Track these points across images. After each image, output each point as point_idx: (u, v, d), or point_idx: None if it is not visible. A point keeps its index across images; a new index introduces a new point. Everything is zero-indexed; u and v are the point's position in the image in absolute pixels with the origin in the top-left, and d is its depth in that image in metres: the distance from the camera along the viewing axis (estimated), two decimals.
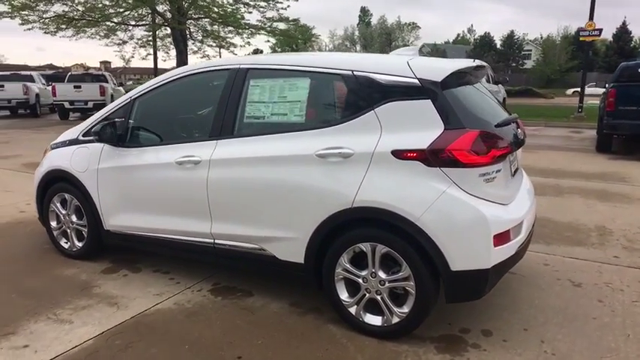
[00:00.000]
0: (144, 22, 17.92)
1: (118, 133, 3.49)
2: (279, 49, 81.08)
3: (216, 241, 3.18)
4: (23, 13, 15.97)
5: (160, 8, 17.17)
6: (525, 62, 54.84)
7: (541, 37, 57.80)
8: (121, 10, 16.72)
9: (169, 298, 3.26)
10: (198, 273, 3.62)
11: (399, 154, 2.56)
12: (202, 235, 3.22)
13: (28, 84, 18.58)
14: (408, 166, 2.55)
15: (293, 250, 2.89)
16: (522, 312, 3.05)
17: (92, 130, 3.59)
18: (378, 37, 64.23)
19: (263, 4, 18.53)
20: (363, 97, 2.73)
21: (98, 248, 3.86)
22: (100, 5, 16.59)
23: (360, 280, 2.74)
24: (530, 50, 55.47)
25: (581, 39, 16.60)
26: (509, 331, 2.83)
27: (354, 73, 2.77)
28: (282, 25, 19.28)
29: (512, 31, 55.53)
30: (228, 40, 18.97)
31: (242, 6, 18.55)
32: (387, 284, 2.67)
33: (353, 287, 2.80)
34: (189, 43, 19.54)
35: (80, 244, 3.89)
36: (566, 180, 7.04)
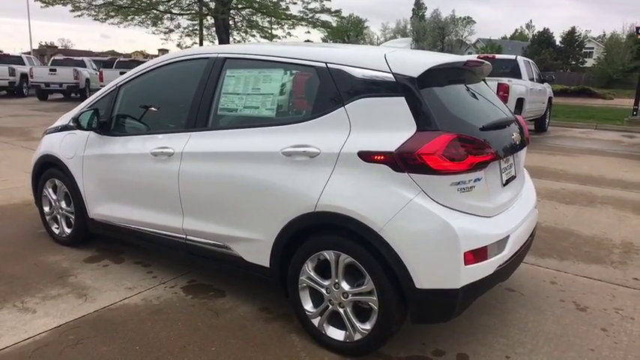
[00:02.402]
0: (187, 11, 18.18)
1: (101, 121, 3.43)
2: (331, 41, 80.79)
3: (188, 237, 3.05)
4: (75, 0, 16.57)
5: None
6: (586, 61, 51.82)
7: (604, 35, 54.52)
8: (166, 0, 17.02)
9: (140, 292, 3.17)
10: (177, 268, 3.52)
11: (366, 156, 2.32)
12: (175, 230, 3.10)
13: (79, 69, 19.34)
14: (375, 169, 2.30)
15: (258, 253, 2.72)
16: (510, 336, 2.74)
17: (73, 116, 3.54)
18: (431, 31, 62.59)
19: None
20: (335, 91, 2.50)
21: (85, 236, 3.83)
22: None
23: (324, 291, 2.53)
24: (592, 48, 52.38)
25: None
26: (488, 357, 2.54)
27: (328, 65, 2.54)
28: (324, 17, 19.04)
29: (573, 28, 52.57)
30: (268, 30, 18.91)
31: None
32: (350, 297, 2.45)
33: (317, 297, 2.59)
34: (235, 33, 19.68)
35: (69, 231, 3.89)
36: (603, 188, 6.47)
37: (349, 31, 79.60)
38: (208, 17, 18.61)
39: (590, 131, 13.66)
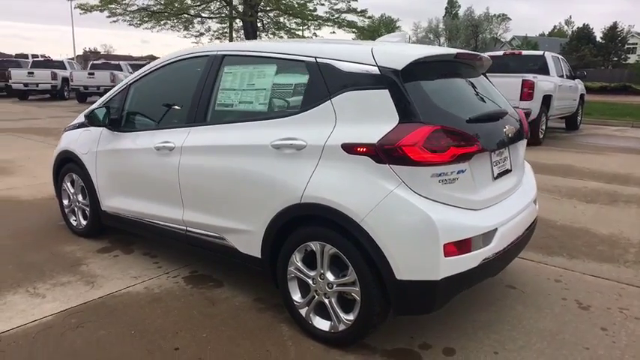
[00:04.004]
0: (216, 15, 18.57)
1: (113, 118, 3.59)
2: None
3: (188, 228, 3.15)
4: (111, 6, 17.21)
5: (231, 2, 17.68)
6: (629, 57, 49.73)
7: None
8: (195, 4, 17.44)
9: (144, 281, 3.30)
10: (182, 259, 3.64)
11: (349, 148, 2.35)
12: (176, 222, 3.21)
13: (115, 72, 20.04)
14: (358, 161, 2.32)
15: (251, 244, 2.78)
16: (502, 332, 2.71)
17: (84, 113, 3.71)
18: (464, 29, 61.46)
19: None
20: (323, 85, 2.54)
21: (99, 228, 4.00)
22: None
23: (310, 281, 2.57)
24: (636, 44, 50.21)
25: None
26: (475, 352, 2.51)
27: (317, 60, 2.59)
28: (350, 17, 19.05)
29: (615, 23, 50.59)
30: (294, 31, 19.08)
31: None
32: (334, 288, 2.48)
33: (304, 288, 2.63)
34: (263, 35, 19.94)
35: (85, 223, 4.07)
36: (629, 187, 6.23)
37: (380, 30, 79.54)
38: (237, 20, 18.94)
39: (626, 129, 13.12)
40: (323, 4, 18.88)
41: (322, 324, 2.56)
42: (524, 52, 11.54)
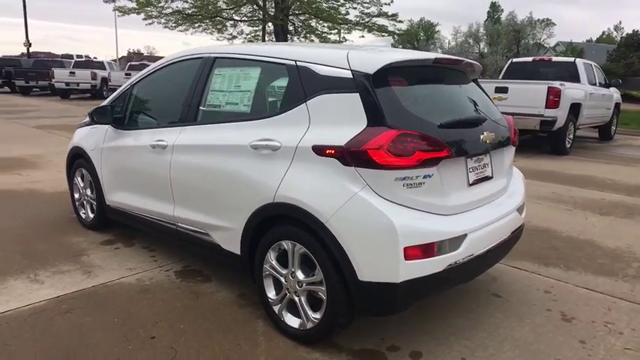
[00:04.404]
0: (248, 18, 18.94)
1: (117, 116, 3.77)
2: (400, 46, 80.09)
3: (178, 224, 3.28)
4: (147, 9, 17.84)
5: (262, 4, 17.99)
6: None
7: None
8: (229, 7, 17.85)
9: (137, 273, 3.45)
10: (178, 254, 3.77)
11: (319, 150, 2.41)
12: (168, 218, 3.35)
13: None
14: (326, 163, 2.38)
15: (232, 240, 2.88)
16: (475, 339, 2.69)
17: (88, 112, 3.91)
18: (506, 34, 60.08)
19: None
20: (300, 88, 2.61)
21: (105, 221, 4.19)
22: (213, 1, 17.89)
23: (283, 279, 2.64)
24: None
25: None
26: (442, 357, 2.51)
27: (297, 63, 2.66)
28: (381, 21, 19.02)
29: None
30: (325, 35, 19.22)
31: (346, 2, 18.68)
32: (304, 286, 2.54)
33: (278, 285, 2.70)
34: (295, 39, 20.18)
35: (92, 216, 4.28)
36: None
37: (419, 34, 78.60)
38: (270, 23, 19.26)
39: None
40: (355, 8, 18.97)
41: (293, 321, 2.62)
42: (554, 59, 11.24)
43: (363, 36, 19.05)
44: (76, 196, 4.46)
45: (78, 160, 4.32)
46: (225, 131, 2.90)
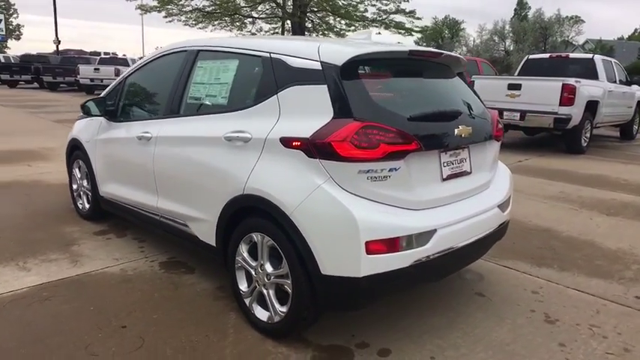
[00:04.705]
0: (268, 15, 19.01)
1: (109, 109, 3.81)
2: (424, 44, 79.14)
3: (161, 215, 3.30)
4: (168, 7, 18.09)
5: (281, 1, 18.06)
6: None
7: None
8: (248, 4, 17.96)
9: (122, 263, 3.49)
10: (166, 246, 3.80)
11: (286, 142, 2.38)
12: (153, 209, 3.37)
13: None
14: (293, 155, 2.35)
15: (208, 232, 2.88)
16: (448, 338, 2.63)
17: (80, 104, 3.97)
18: (532, 31, 58.70)
19: None
20: (273, 80, 2.58)
21: (99, 212, 4.25)
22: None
23: (253, 272, 2.63)
24: None
25: None
26: (410, 355, 2.46)
27: (271, 55, 2.64)
28: (398, 18, 18.82)
29: None
30: (344, 32, 19.13)
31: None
32: (272, 279, 2.52)
33: (250, 278, 2.69)
34: (314, 35, 20.15)
35: (88, 207, 4.35)
36: None
37: (443, 32, 77.50)
38: (288, 21, 19.30)
39: None
40: (374, 5, 18.83)
41: (262, 314, 2.61)
42: (572, 55, 10.91)
43: (379, 33, 18.92)
44: (74, 187, 4.54)
45: (76, 151, 4.40)
46: (204, 123, 2.90)
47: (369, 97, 2.36)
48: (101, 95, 4.11)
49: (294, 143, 2.35)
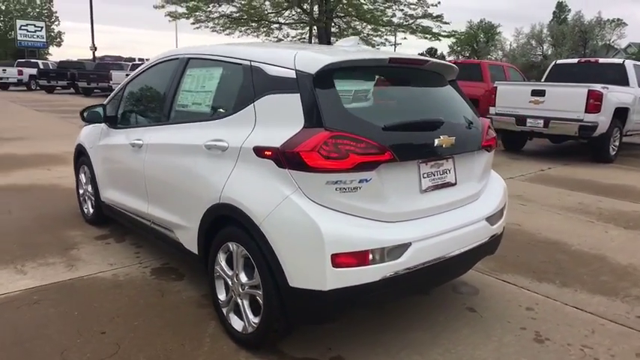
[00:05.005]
0: (295, 21, 19.15)
1: (109, 115, 3.89)
2: (459, 49, 77.95)
3: (152, 221, 3.34)
4: (196, 14, 18.46)
5: (307, 8, 18.16)
6: None
7: None
8: (274, 10, 18.13)
9: (116, 269, 3.53)
10: (160, 253, 3.83)
11: (259, 152, 2.36)
12: (144, 215, 3.41)
13: None
14: (264, 164, 2.33)
15: (191, 240, 2.89)
16: (428, 355, 2.54)
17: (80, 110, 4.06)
18: (571, 35, 56.94)
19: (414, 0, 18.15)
20: (251, 88, 2.57)
21: (102, 216, 4.34)
22: (258, 5, 18.26)
23: (230, 281, 2.61)
24: None
25: None
26: None
27: (251, 63, 2.63)
28: (425, 22, 18.59)
29: None
30: (370, 37, 19.04)
31: (392, 4, 18.47)
32: (246, 289, 2.50)
33: (227, 287, 2.68)
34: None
35: (92, 211, 4.45)
36: None
37: (478, 36, 76.04)
38: (315, 27, 19.39)
39: None
40: (401, 10, 18.70)
41: (237, 324, 2.59)
42: (602, 60, 10.48)
43: (405, 38, 18.72)
44: (80, 191, 4.66)
45: (81, 157, 4.51)
46: (188, 131, 2.92)
47: (342, 106, 2.31)
48: (105, 101, 4.20)
49: (265, 152, 2.32)
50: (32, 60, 30.00)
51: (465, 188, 2.70)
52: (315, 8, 18.09)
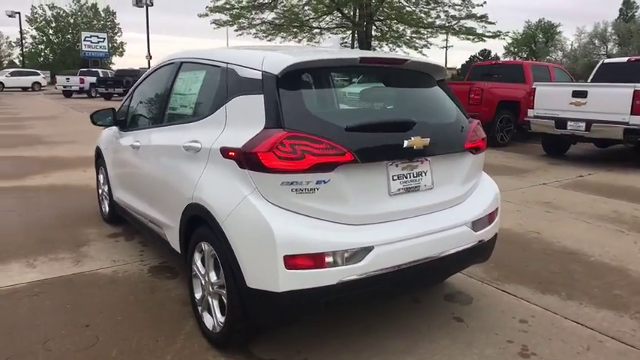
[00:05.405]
0: (332, 26, 19.22)
1: (119, 119, 4.07)
2: (516, 49, 75.09)
3: (148, 220, 3.44)
4: (239, 21, 18.94)
5: (349, 12, 18.18)
6: None
7: None
8: (316, 16, 18.28)
9: (117, 266, 3.67)
10: (162, 251, 3.92)
11: (224, 152, 2.38)
12: (142, 214, 3.53)
13: None
14: (228, 165, 2.35)
15: (175, 239, 2.95)
16: None
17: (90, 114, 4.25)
18: (639, 34, 53.45)
19: (458, 0, 17.73)
20: (225, 90, 2.61)
21: (115, 215, 4.52)
22: (298, 11, 18.49)
23: (203, 280, 2.65)
24: None
25: None
26: None
27: (228, 65, 2.66)
28: (469, 23, 18.06)
29: None
30: (414, 40, 18.73)
31: (437, 5, 18.16)
32: (215, 288, 2.52)
33: (202, 286, 2.71)
34: (384, 44, 20.02)
35: (108, 210, 4.65)
36: None
37: (537, 36, 72.87)
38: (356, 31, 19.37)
39: None
40: (445, 12, 18.31)
41: (209, 323, 2.61)
42: None
43: (446, 39, 18.28)
44: (99, 191, 4.88)
45: (99, 159, 4.73)
46: (174, 133, 2.99)
47: (304, 107, 2.29)
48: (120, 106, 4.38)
49: (229, 153, 2.34)
50: (93, 69, 31.83)
51: (443, 192, 2.60)
52: (354, 12, 18.08)
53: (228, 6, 18.22)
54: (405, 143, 2.37)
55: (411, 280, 2.47)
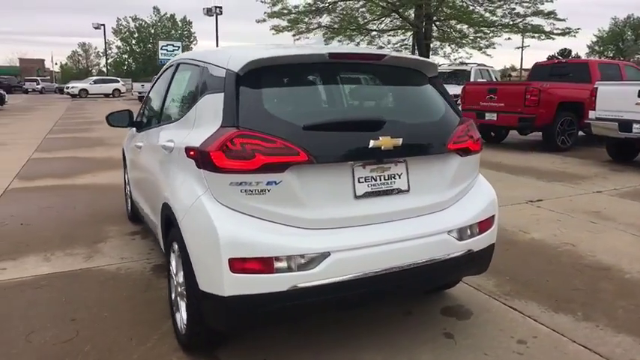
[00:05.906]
0: (393, 27, 18.88)
1: (136, 120, 4.19)
2: (601, 47, 70.12)
3: (148, 217, 3.51)
4: (298, 26, 19.14)
5: (409, 14, 17.81)
6: None
7: None
8: (373, 19, 18.08)
9: (123, 263, 3.77)
10: None
11: (187, 152, 2.35)
12: (144, 213, 3.61)
13: None
14: (189, 165, 2.31)
15: (160, 237, 2.98)
16: None
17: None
18: None
19: None
20: (199, 89, 2.59)
21: (136, 213, 4.67)
22: (356, 14, 18.38)
23: (174, 281, 2.63)
24: None
25: None
26: None
27: (205, 65, 2.64)
28: (536, 21, 16.96)
29: None
30: (478, 40, 17.90)
31: (503, 3, 17.33)
32: (180, 289, 2.49)
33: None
34: (446, 45, 19.40)
35: (130, 208, 4.82)
36: None
37: (625, 34, 67.31)
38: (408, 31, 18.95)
39: None
40: (513, 8, 17.39)
41: (179, 324, 2.58)
42: None
43: (509, 38, 17.30)
44: (126, 190, 5.07)
45: (124, 159, 4.92)
46: (161, 133, 3.02)
47: (262, 105, 2.20)
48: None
49: (191, 153, 2.30)
50: None
51: (422, 196, 2.39)
52: (412, 13, 17.67)
53: (285, 11, 18.51)
54: (371, 143, 2.21)
55: (376, 291, 2.29)
